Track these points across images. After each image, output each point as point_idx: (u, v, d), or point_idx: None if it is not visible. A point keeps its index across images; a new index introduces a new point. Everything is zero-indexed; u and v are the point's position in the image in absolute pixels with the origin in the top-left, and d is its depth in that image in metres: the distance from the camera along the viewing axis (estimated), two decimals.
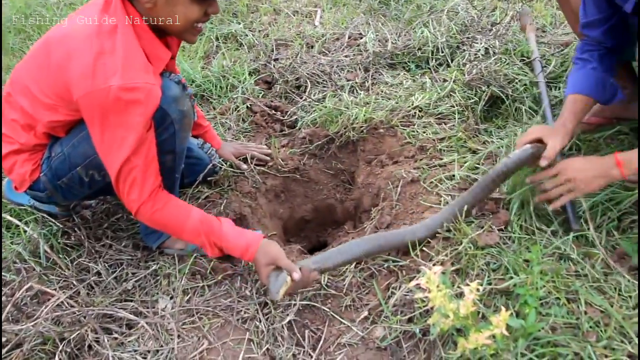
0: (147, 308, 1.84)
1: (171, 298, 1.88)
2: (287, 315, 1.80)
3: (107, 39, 1.58)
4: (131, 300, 1.88)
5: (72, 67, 1.58)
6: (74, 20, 1.69)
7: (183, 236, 1.81)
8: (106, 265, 2.01)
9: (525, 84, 2.56)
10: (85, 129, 1.72)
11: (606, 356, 1.43)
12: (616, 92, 2.01)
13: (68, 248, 2.06)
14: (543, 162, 1.84)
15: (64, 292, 1.86)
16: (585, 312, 1.58)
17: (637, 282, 1.68)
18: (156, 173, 1.75)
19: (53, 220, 2.09)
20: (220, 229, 1.80)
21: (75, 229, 2.10)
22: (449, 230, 1.86)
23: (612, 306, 1.59)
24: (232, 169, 2.41)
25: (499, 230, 1.87)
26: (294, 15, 3.71)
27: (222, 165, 2.39)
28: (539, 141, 1.85)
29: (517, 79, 2.59)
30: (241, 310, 1.82)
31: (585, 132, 2.19)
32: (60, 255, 2.00)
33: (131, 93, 1.56)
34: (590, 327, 1.54)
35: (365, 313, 1.78)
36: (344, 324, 1.77)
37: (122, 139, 1.62)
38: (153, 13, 1.64)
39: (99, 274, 1.97)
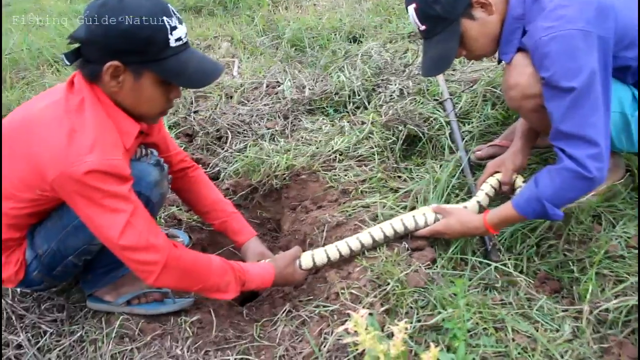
0: None
1: None
2: None
3: (77, 117, 1.55)
4: None
5: (43, 151, 1.53)
6: (35, 105, 1.65)
7: (210, 277, 1.76)
8: (28, 335, 1.90)
9: (440, 122, 2.64)
10: (69, 223, 1.70)
11: None
12: None
13: None
14: (505, 188, 2.10)
15: None
16: (513, 340, 1.62)
17: (559, 306, 1.75)
18: (158, 226, 1.70)
19: None
20: (236, 262, 1.87)
21: None
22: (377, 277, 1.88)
23: (537, 331, 1.64)
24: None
25: (426, 267, 1.90)
26: None
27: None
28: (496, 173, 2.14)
29: (432, 117, 2.68)
30: None
31: (495, 156, 2.29)
32: None
33: (108, 168, 1.52)
34: (519, 353, 1.58)
35: None
36: None
37: (114, 208, 1.56)
38: (119, 96, 1.63)
39: (20, 346, 1.87)
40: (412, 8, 1.87)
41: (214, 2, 5.05)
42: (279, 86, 3.28)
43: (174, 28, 1.57)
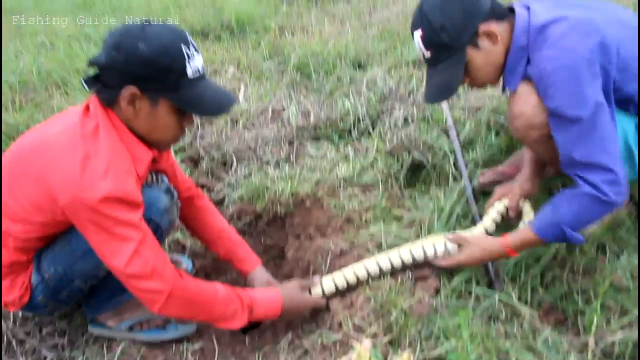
0: None
1: None
2: None
3: (91, 143, 1.57)
4: None
5: (55, 175, 1.55)
6: (50, 128, 1.67)
7: (216, 307, 1.75)
8: None
9: (444, 150, 2.65)
10: (77, 248, 1.72)
11: None
12: None
13: None
14: (511, 213, 2.12)
15: None
16: None
17: (564, 338, 1.74)
18: (165, 254, 1.71)
19: None
20: (242, 288, 1.87)
21: None
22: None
23: None
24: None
25: (430, 297, 1.89)
26: None
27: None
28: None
29: (436, 145, 2.68)
30: None
31: (497, 182, 2.32)
32: None
33: (121, 194, 1.54)
34: None
35: None
36: None
37: (123, 236, 1.57)
38: (133, 122, 1.65)
39: None
40: (417, 34, 1.87)
41: (221, 27, 5.11)
42: (284, 111, 3.29)
43: (192, 58, 1.61)
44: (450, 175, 2.54)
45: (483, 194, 2.37)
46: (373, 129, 2.96)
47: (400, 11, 4.75)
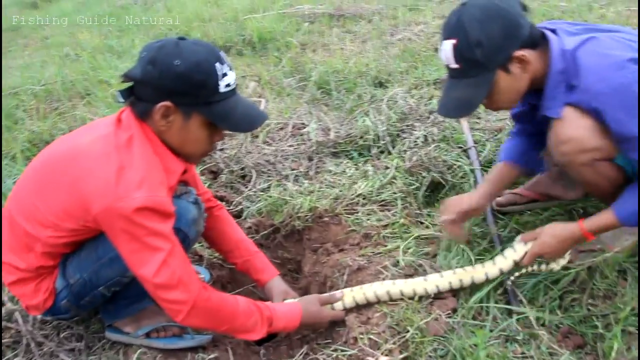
0: None
1: None
2: None
3: (125, 153, 1.61)
4: None
5: (90, 183, 1.58)
6: (81, 138, 1.72)
7: (237, 318, 1.77)
8: None
9: (464, 170, 2.65)
10: (104, 255, 1.75)
11: None
12: (541, 165, 2.24)
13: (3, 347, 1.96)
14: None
15: None
16: None
17: None
18: (191, 266, 1.74)
19: None
20: (262, 302, 1.89)
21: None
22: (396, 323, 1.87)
23: None
24: None
25: (446, 316, 1.88)
26: None
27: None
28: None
29: (455, 165, 2.69)
30: None
31: (516, 204, 2.36)
32: None
33: (155, 205, 1.57)
34: None
35: None
36: None
37: (154, 246, 1.60)
38: (166, 135, 1.69)
39: None
40: (450, 43, 1.77)
41: (243, 42, 5.17)
42: (304, 128, 3.31)
43: (224, 75, 1.66)
44: None
45: (502, 214, 2.37)
46: (393, 148, 2.97)
47: (422, 31, 4.77)
